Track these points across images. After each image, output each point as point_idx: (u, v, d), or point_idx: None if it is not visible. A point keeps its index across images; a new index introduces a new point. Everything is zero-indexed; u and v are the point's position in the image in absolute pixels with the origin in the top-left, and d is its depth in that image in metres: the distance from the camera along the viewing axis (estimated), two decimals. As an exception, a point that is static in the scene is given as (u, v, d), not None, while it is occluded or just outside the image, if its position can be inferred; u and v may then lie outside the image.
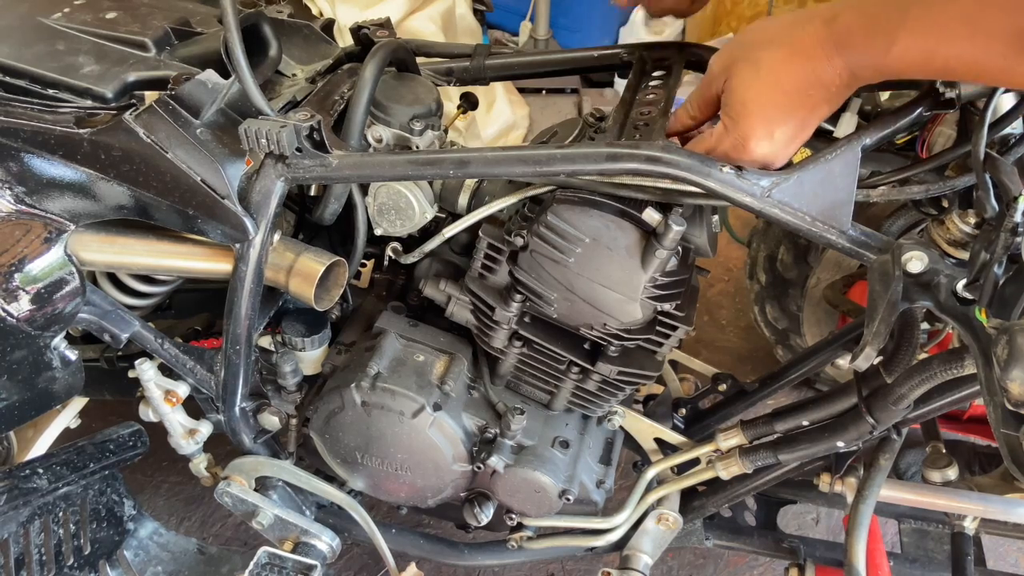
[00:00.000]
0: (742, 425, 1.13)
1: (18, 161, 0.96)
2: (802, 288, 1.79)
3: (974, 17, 0.65)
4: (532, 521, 1.27)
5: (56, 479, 1.16)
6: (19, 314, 0.98)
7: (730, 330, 2.39)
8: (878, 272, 0.86)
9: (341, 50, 1.21)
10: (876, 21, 0.70)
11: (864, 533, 1.08)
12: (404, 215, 1.11)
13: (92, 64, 1.02)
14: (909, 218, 1.52)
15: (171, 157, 0.93)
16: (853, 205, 0.85)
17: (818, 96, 0.77)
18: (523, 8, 3.22)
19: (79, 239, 1.01)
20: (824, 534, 1.83)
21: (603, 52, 1.16)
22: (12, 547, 1.12)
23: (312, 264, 1.02)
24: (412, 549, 1.37)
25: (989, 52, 0.65)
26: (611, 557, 1.34)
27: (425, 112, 1.09)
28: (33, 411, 1.08)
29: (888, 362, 0.92)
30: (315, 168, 0.94)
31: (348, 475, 1.24)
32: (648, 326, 1.01)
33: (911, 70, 0.71)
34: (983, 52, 0.65)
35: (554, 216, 0.95)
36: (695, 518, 1.31)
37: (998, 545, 1.81)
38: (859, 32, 0.71)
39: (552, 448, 1.15)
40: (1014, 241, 0.79)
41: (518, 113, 2.90)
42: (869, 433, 1.00)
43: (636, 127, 0.93)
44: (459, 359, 1.15)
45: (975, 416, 1.56)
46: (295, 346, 1.16)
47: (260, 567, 1.14)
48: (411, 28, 2.49)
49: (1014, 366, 0.68)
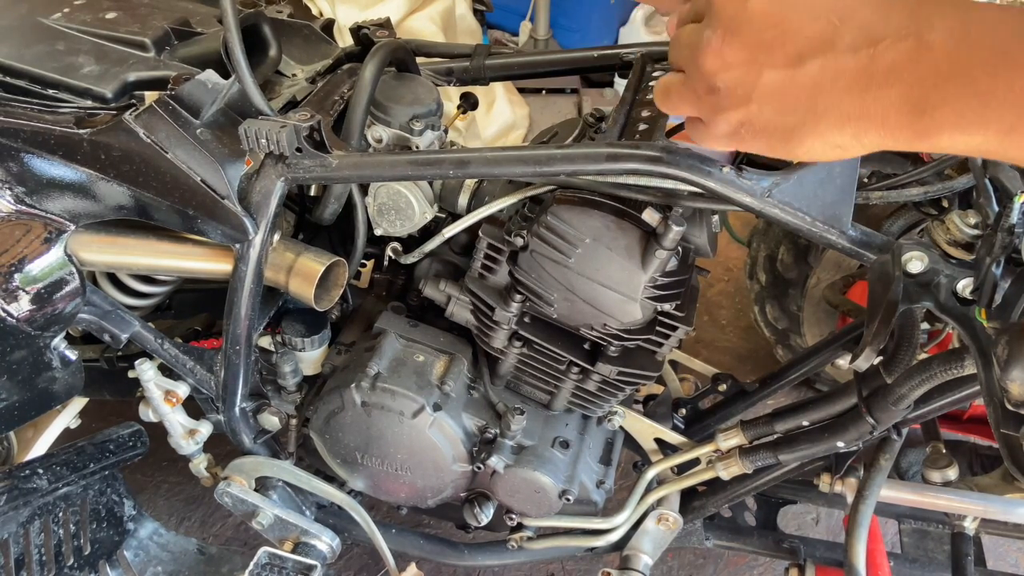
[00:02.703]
0: (742, 425, 1.13)
1: (18, 161, 0.96)
2: (802, 288, 1.79)
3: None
4: (532, 521, 1.27)
5: (56, 479, 1.16)
6: (19, 314, 0.98)
7: (730, 330, 2.39)
8: (878, 272, 0.86)
9: (341, 50, 1.21)
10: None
11: (864, 533, 1.08)
12: (404, 215, 1.11)
13: (92, 64, 1.02)
14: (909, 218, 1.52)
15: (171, 157, 0.93)
16: (853, 205, 0.85)
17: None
18: (523, 8, 3.22)
19: (79, 239, 1.01)
20: (824, 534, 1.83)
21: (603, 52, 1.16)
22: (12, 547, 1.12)
23: (312, 264, 1.02)
24: (412, 549, 1.37)
25: None
26: (611, 557, 1.34)
27: (425, 112, 1.09)
28: (33, 411, 1.08)
29: (888, 362, 0.92)
30: (315, 168, 0.94)
31: (348, 475, 1.24)
32: (648, 326, 1.01)
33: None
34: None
35: (554, 216, 0.95)
36: (695, 518, 1.31)
37: (998, 545, 1.81)
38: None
39: (552, 448, 1.15)
40: (1012, 241, 0.79)
41: (518, 113, 2.90)
42: (869, 433, 1.00)
43: (636, 127, 0.93)
44: (459, 359, 1.14)
45: (975, 416, 1.55)
46: (295, 346, 1.16)
47: (260, 567, 1.14)
48: (411, 28, 2.49)
49: (1014, 366, 0.68)
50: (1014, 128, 0.50)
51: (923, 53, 0.52)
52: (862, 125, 0.55)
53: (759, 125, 0.60)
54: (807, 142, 0.59)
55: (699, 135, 0.67)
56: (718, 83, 0.60)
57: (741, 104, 0.60)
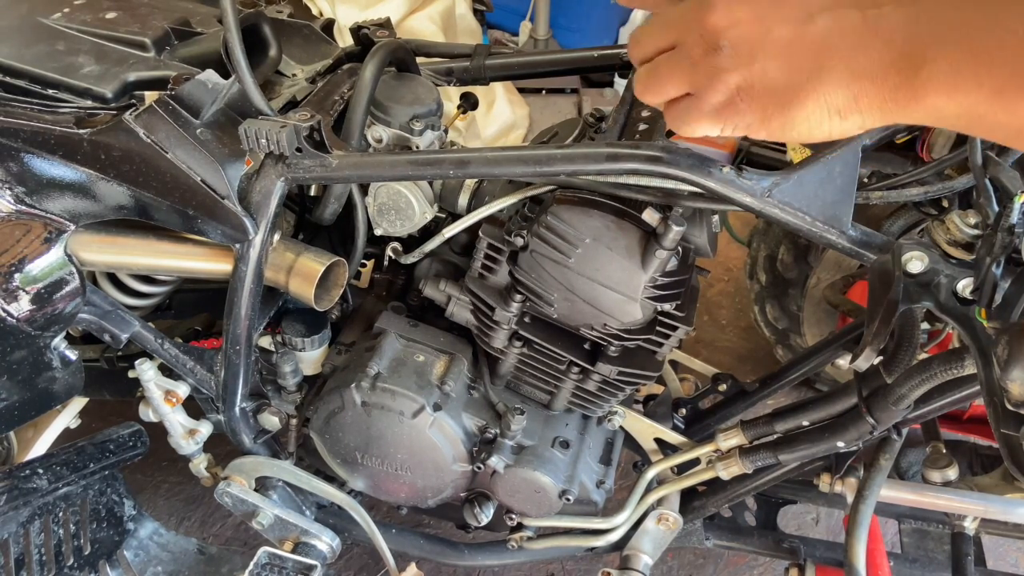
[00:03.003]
0: (742, 425, 1.13)
1: (18, 161, 0.96)
2: (802, 288, 1.79)
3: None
4: (532, 521, 1.27)
5: (56, 479, 1.16)
6: (19, 314, 0.98)
7: (730, 330, 2.39)
8: (878, 272, 0.86)
9: (341, 50, 1.21)
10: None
11: (864, 533, 1.08)
12: (404, 215, 1.11)
13: (92, 64, 1.02)
14: (909, 218, 1.52)
15: (171, 157, 0.93)
16: (853, 205, 0.85)
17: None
18: (523, 8, 3.22)
19: (79, 239, 1.01)
20: (824, 534, 1.83)
21: (603, 52, 1.16)
22: (12, 547, 1.12)
23: (312, 264, 1.02)
24: (412, 549, 1.37)
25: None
26: (611, 557, 1.34)
27: (425, 112, 1.09)
28: (33, 411, 1.08)
29: (888, 362, 0.92)
30: (315, 168, 0.94)
31: (348, 475, 1.24)
32: (648, 326, 1.01)
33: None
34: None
35: (554, 216, 0.95)
36: (695, 518, 1.31)
37: (998, 545, 1.81)
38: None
39: (552, 448, 1.15)
40: (1012, 241, 0.79)
41: (518, 113, 2.90)
42: (869, 433, 1.00)
43: (636, 127, 0.93)
44: (459, 359, 1.14)
45: (975, 416, 1.55)
46: (295, 346, 1.16)
47: (260, 567, 1.14)
48: (411, 28, 2.49)
49: (1014, 366, 0.68)
50: (1004, 88, 0.51)
51: (921, 12, 0.53)
52: (863, 85, 0.56)
53: (759, 88, 0.59)
54: (807, 105, 0.58)
55: (686, 114, 0.64)
56: (723, 41, 0.59)
57: (744, 63, 0.59)
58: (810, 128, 0.59)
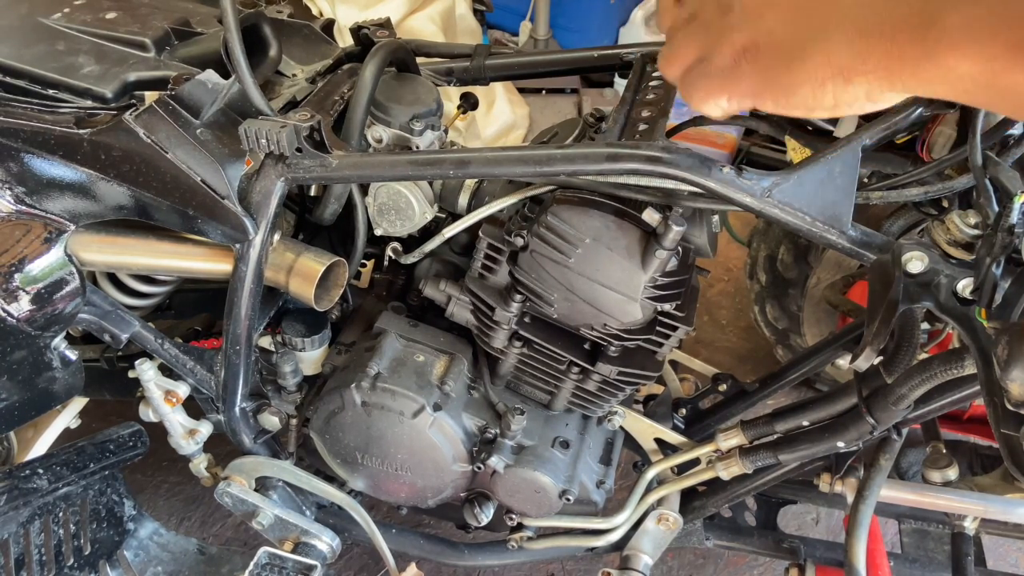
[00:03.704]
0: (742, 425, 1.13)
1: (18, 161, 0.96)
2: (802, 288, 1.79)
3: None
4: (532, 521, 1.27)
5: (56, 479, 1.16)
6: (19, 314, 0.98)
7: (730, 330, 2.39)
8: (878, 272, 0.86)
9: (341, 50, 1.21)
10: None
11: (864, 533, 1.08)
12: (404, 215, 1.11)
13: (92, 64, 1.02)
14: (909, 218, 1.52)
15: (171, 157, 0.93)
16: (853, 205, 0.85)
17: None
18: (523, 8, 3.22)
19: (79, 239, 1.01)
20: (824, 534, 1.83)
21: (603, 52, 1.16)
22: (12, 547, 1.12)
23: (312, 264, 1.02)
24: (412, 549, 1.37)
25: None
26: (611, 557, 1.34)
27: (425, 112, 1.09)
28: (33, 411, 1.08)
29: (888, 362, 0.92)
30: (315, 168, 0.94)
31: (348, 475, 1.24)
32: (648, 326, 1.01)
33: None
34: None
35: (554, 216, 0.95)
36: (695, 518, 1.31)
37: (998, 545, 1.81)
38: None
39: (552, 448, 1.15)
40: (1012, 241, 0.79)
41: (518, 113, 2.90)
42: (869, 433, 1.00)
43: (636, 127, 0.93)
44: (459, 359, 1.14)
45: (975, 416, 1.55)
46: (295, 346, 1.16)
47: (260, 567, 1.14)
48: (411, 28, 2.49)
49: (1014, 366, 0.68)
50: (1021, 43, 0.49)
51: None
52: (870, 42, 0.54)
53: (763, 48, 0.58)
54: (807, 65, 0.57)
55: (697, 80, 0.63)
56: (734, 2, 0.59)
57: (751, 22, 0.58)
58: (813, 92, 0.58)
